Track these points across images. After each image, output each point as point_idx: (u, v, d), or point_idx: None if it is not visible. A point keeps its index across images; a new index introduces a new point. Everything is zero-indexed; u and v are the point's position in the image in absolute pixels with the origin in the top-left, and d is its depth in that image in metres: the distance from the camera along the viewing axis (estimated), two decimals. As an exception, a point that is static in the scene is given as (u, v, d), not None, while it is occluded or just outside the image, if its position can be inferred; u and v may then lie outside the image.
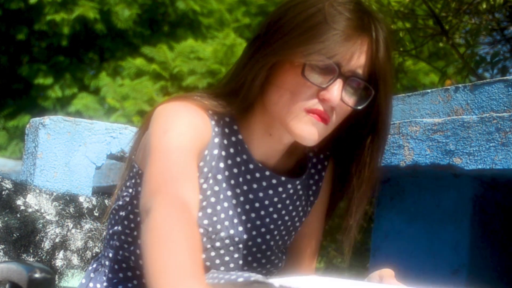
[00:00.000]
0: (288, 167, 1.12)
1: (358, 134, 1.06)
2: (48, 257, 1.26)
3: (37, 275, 0.91)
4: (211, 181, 1.03)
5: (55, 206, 1.34)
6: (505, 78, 1.25)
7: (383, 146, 1.07)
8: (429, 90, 1.41)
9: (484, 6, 2.26)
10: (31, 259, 1.25)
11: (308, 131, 0.99)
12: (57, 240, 1.30)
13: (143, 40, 5.40)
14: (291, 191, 1.10)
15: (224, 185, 1.04)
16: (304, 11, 0.97)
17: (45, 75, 5.39)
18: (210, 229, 1.03)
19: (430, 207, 1.28)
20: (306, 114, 0.98)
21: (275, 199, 1.09)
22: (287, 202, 1.10)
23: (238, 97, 1.01)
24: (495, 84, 1.26)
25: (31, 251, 1.27)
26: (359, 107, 1.01)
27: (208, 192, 1.03)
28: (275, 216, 1.10)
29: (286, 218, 1.12)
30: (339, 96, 0.97)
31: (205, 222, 1.03)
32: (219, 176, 1.04)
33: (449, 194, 1.26)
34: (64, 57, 5.56)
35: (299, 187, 1.12)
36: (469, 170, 1.12)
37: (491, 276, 1.24)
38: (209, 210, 1.03)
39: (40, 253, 1.27)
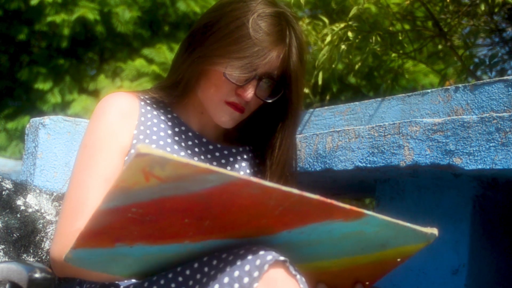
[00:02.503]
0: (226, 141, 1.30)
1: (272, 121, 1.25)
2: (48, 257, 1.26)
3: (37, 275, 0.91)
4: (153, 146, 1.18)
5: (55, 206, 1.34)
6: (505, 78, 1.25)
7: (293, 132, 1.26)
8: (429, 90, 1.41)
9: (483, 8, 2.26)
10: (31, 259, 1.25)
11: (226, 118, 1.21)
12: (57, 240, 1.29)
13: (143, 42, 5.38)
14: (231, 158, 1.28)
15: (168, 149, 1.20)
16: (234, 21, 1.17)
17: (44, 78, 5.37)
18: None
19: (430, 207, 1.29)
20: (225, 105, 1.19)
21: (215, 163, 1.25)
22: (228, 168, 1.26)
23: (177, 90, 1.23)
24: (495, 84, 1.27)
25: (31, 251, 1.27)
26: (269, 101, 1.21)
27: None
28: None
29: None
30: (252, 94, 1.18)
31: None
32: (161, 142, 1.21)
33: (449, 194, 1.26)
34: (64, 58, 5.54)
35: (238, 157, 1.29)
36: (469, 170, 1.11)
37: (491, 276, 1.24)
38: None
39: (40, 253, 1.27)
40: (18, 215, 1.27)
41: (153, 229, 0.79)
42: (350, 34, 2.02)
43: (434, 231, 0.87)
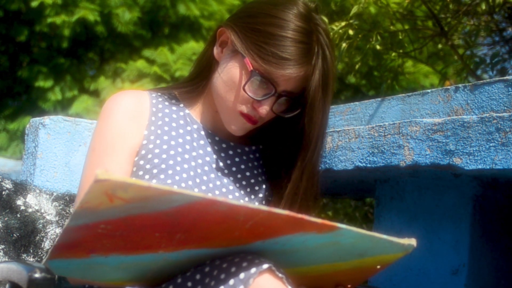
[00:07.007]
0: (239, 139, 1.26)
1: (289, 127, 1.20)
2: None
3: (37, 275, 0.91)
4: (164, 146, 1.16)
5: (55, 206, 1.34)
6: (505, 78, 1.25)
7: (317, 150, 1.19)
8: (429, 90, 1.41)
9: (483, 7, 2.26)
10: (31, 259, 1.25)
11: (237, 127, 1.18)
12: (57, 240, 1.29)
13: (143, 43, 5.39)
14: (244, 157, 1.25)
15: (179, 149, 1.18)
16: (268, 21, 1.13)
17: (45, 77, 5.37)
18: (175, 187, 1.11)
19: (430, 207, 1.29)
20: (239, 115, 1.17)
21: (228, 162, 1.23)
22: (242, 166, 1.24)
23: (195, 83, 1.22)
24: (495, 84, 1.27)
25: (31, 251, 1.27)
26: (286, 116, 1.17)
27: (164, 156, 1.15)
28: (231, 178, 1.21)
29: (244, 182, 1.22)
30: (268, 110, 1.15)
31: (169, 181, 1.13)
32: (172, 142, 1.18)
33: (449, 194, 1.26)
34: (64, 58, 5.54)
35: (251, 155, 1.26)
36: (469, 170, 1.11)
37: (491, 276, 1.24)
38: (169, 172, 1.14)
39: (40, 253, 1.27)
40: (18, 215, 1.27)
41: (125, 241, 0.79)
42: (350, 32, 2.02)
43: (412, 241, 0.86)
